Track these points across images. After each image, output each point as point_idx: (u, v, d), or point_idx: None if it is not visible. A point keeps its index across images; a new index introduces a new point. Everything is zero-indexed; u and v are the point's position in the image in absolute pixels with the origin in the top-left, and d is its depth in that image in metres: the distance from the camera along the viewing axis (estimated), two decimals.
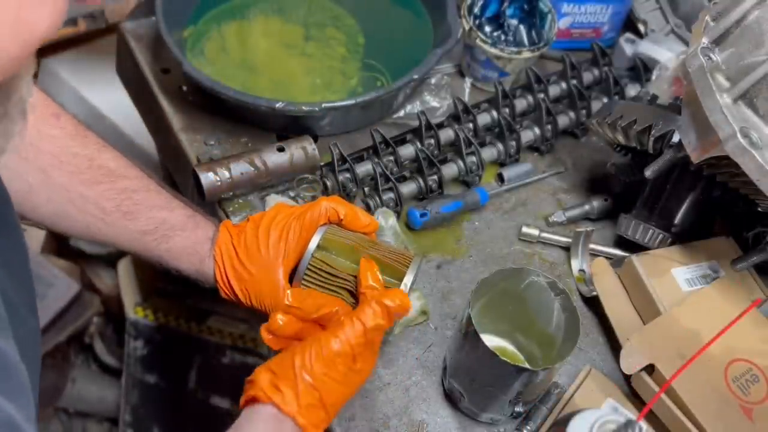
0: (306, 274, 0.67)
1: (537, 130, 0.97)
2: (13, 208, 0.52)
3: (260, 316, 0.78)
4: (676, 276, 0.78)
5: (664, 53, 1.03)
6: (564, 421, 0.49)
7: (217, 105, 0.93)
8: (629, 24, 1.14)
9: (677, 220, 0.84)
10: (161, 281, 1.59)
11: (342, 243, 0.68)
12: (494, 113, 0.96)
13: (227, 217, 0.85)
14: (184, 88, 0.97)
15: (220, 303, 1.55)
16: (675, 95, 0.97)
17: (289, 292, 0.67)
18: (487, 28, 1.05)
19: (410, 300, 0.79)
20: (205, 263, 0.70)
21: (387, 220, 0.83)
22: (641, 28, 1.11)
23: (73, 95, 1.57)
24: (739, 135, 0.63)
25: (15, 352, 0.42)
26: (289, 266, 0.69)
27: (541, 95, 0.98)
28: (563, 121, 0.99)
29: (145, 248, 0.69)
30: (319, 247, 0.67)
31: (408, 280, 0.66)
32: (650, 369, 0.71)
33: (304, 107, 0.86)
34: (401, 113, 0.99)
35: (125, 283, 1.60)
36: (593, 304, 0.83)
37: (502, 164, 0.96)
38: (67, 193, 0.64)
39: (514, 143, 0.95)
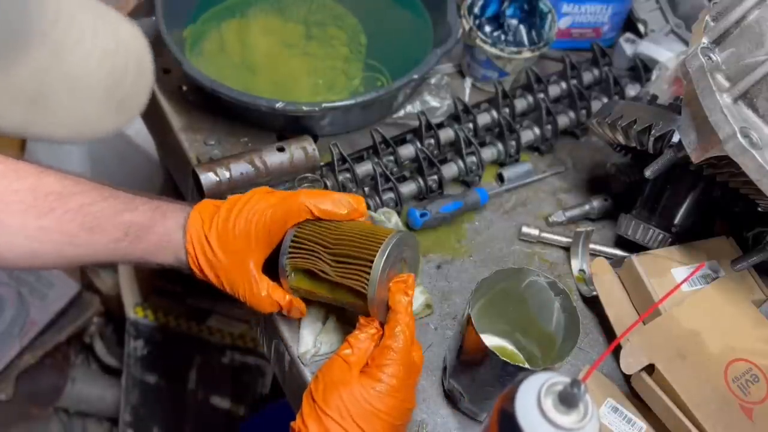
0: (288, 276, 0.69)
1: (537, 130, 0.97)
2: None
3: (259, 315, 0.78)
4: (676, 276, 0.78)
5: (664, 53, 1.03)
6: (514, 386, 0.49)
7: (217, 105, 0.93)
8: (629, 24, 1.14)
9: (677, 220, 0.84)
10: (161, 281, 1.59)
11: (303, 268, 0.68)
12: (494, 113, 0.96)
13: None
14: (184, 88, 0.97)
15: (220, 303, 1.56)
16: (675, 95, 0.97)
17: (271, 287, 0.69)
18: (487, 28, 1.06)
19: (414, 293, 0.79)
20: (181, 252, 0.69)
21: (390, 219, 0.84)
22: (641, 28, 1.11)
23: None
24: (739, 135, 0.63)
25: None
26: (260, 257, 0.69)
27: (541, 95, 0.98)
28: (563, 121, 0.99)
29: (122, 255, 0.68)
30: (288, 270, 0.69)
31: (374, 276, 0.64)
32: (650, 369, 0.71)
33: (304, 107, 0.86)
34: (401, 113, 0.99)
35: (125, 283, 1.60)
36: (593, 304, 0.83)
37: (502, 164, 0.96)
38: (25, 231, 0.61)
39: (514, 143, 0.95)
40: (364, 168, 0.88)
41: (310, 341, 0.74)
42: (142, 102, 0.42)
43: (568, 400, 0.46)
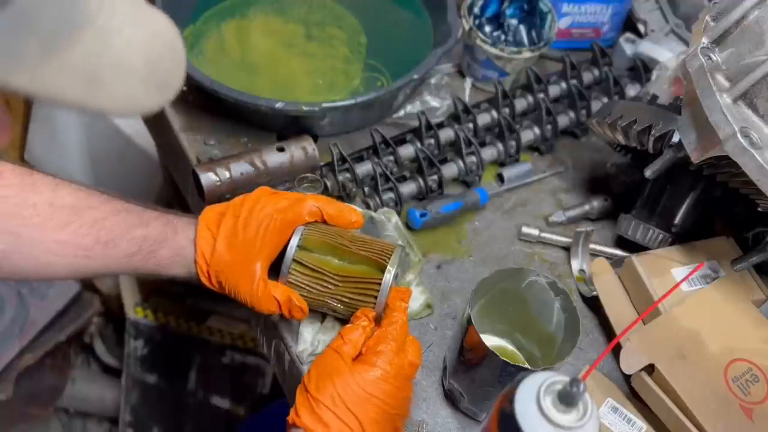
0: (290, 273, 0.69)
1: (537, 130, 0.97)
2: None
3: (259, 315, 0.78)
4: (676, 276, 0.78)
5: (664, 53, 1.03)
6: (514, 385, 0.49)
7: (217, 105, 0.93)
8: (629, 24, 1.14)
9: (677, 220, 0.84)
10: (161, 281, 1.59)
11: (322, 241, 0.69)
12: (494, 113, 0.96)
13: None
14: (184, 88, 0.97)
15: (220, 303, 1.56)
16: (675, 95, 0.97)
17: (271, 284, 0.69)
18: (487, 28, 1.06)
19: (414, 293, 0.80)
20: (192, 265, 0.71)
21: (390, 219, 0.84)
22: (641, 28, 1.11)
23: None
24: (739, 135, 0.63)
25: None
26: (267, 260, 0.70)
27: (541, 95, 0.98)
28: (563, 121, 0.99)
29: (135, 269, 0.69)
30: (299, 247, 0.69)
31: (388, 277, 0.67)
32: (650, 369, 0.71)
33: (304, 107, 0.86)
34: (401, 113, 0.99)
35: (125, 283, 1.60)
36: (593, 304, 0.83)
37: (502, 164, 0.96)
38: (42, 245, 0.62)
39: (514, 143, 0.95)
40: (364, 168, 0.88)
41: (308, 339, 0.74)
42: (178, 85, 0.49)
43: (567, 398, 0.46)
